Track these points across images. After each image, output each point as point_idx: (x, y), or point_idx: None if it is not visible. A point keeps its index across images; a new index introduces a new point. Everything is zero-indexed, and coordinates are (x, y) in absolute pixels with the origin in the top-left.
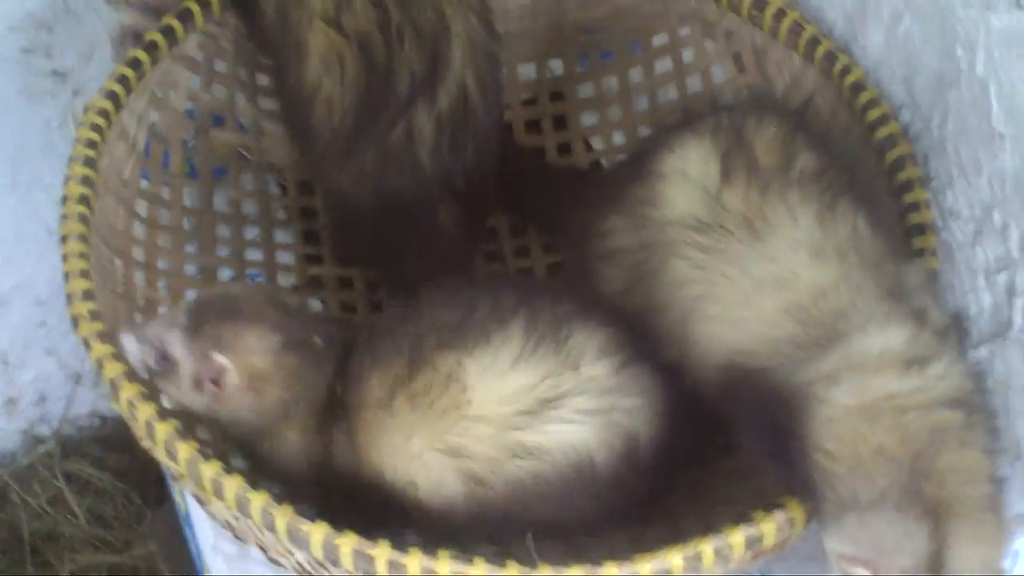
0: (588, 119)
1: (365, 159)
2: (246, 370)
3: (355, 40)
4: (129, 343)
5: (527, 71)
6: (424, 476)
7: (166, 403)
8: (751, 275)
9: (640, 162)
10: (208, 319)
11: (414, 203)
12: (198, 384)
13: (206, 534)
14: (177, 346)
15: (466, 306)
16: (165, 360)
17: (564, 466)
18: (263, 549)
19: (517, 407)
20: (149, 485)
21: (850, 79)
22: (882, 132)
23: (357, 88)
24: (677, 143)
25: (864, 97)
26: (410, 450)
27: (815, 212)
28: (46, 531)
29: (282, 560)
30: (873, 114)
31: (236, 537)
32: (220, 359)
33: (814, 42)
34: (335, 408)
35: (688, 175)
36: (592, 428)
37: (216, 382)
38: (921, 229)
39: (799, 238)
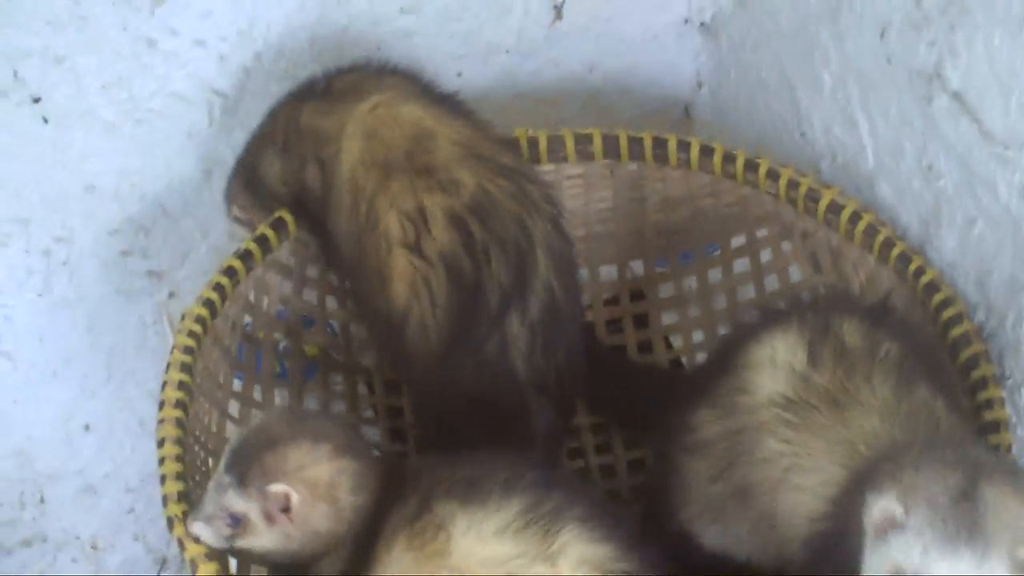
0: (668, 318)
1: (461, 371)
2: (306, 484)
3: (440, 264)
4: (198, 529)
5: (609, 272)
6: None
7: None
8: (829, 443)
9: (726, 356)
10: (250, 460)
11: (509, 409)
12: (272, 521)
13: None
14: (237, 501)
15: (488, 467)
16: (236, 521)
17: None
18: None
19: (489, 573)
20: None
21: (924, 280)
22: (956, 331)
23: (449, 309)
24: (765, 335)
25: (939, 297)
26: None
27: (894, 385)
28: None
29: None
30: (947, 313)
31: None
32: (276, 489)
33: (889, 244)
34: (368, 537)
35: (776, 361)
36: None
37: (286, 511)
38: (996, 426)
39: (874, 405)
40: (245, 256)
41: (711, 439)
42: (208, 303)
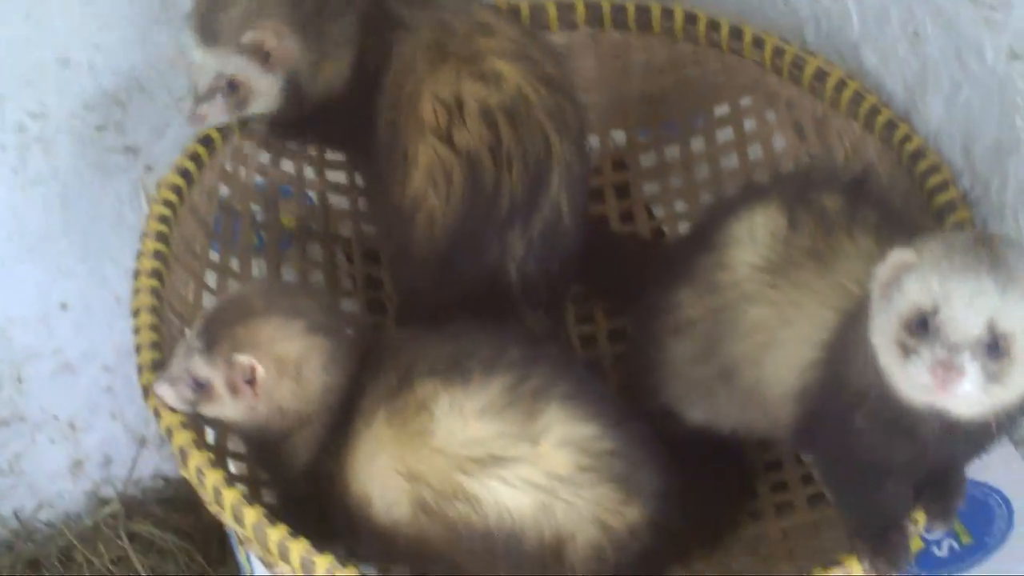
0: (650, 188)
1: (463, 271)
2: (273, 360)
3: (464, 159)
4: (162, 389)
5: (590, 141)
6: (380, 494)
7: (233, 470)
8: (816, 291)
9: (706, 233)
10: (220, 329)
11: (500, 314)
12: (236, 392)
13: None
14: (202, 367)
15: (470, 345)
16: (200, 386)
17: (495, 528)
18: None
19: (471, 453)
20: (211, 545)
21: (910, 147)
22: (942, 198)
23: (462, 206)
24: (744, 210)
25: (924, 164)
26: (374, 465)
27: (874, 240)
28: None
29: None
30: (933, 180)
31: None
32: (242, 359)
33: (874, 111)
34: (344, 412)
35: (755, 234)
36: (529, 501)
37: (251, 383)
38: None
39: (858, 254)
40: (223, 127)
41: (693, 319)
42: (184, 172)
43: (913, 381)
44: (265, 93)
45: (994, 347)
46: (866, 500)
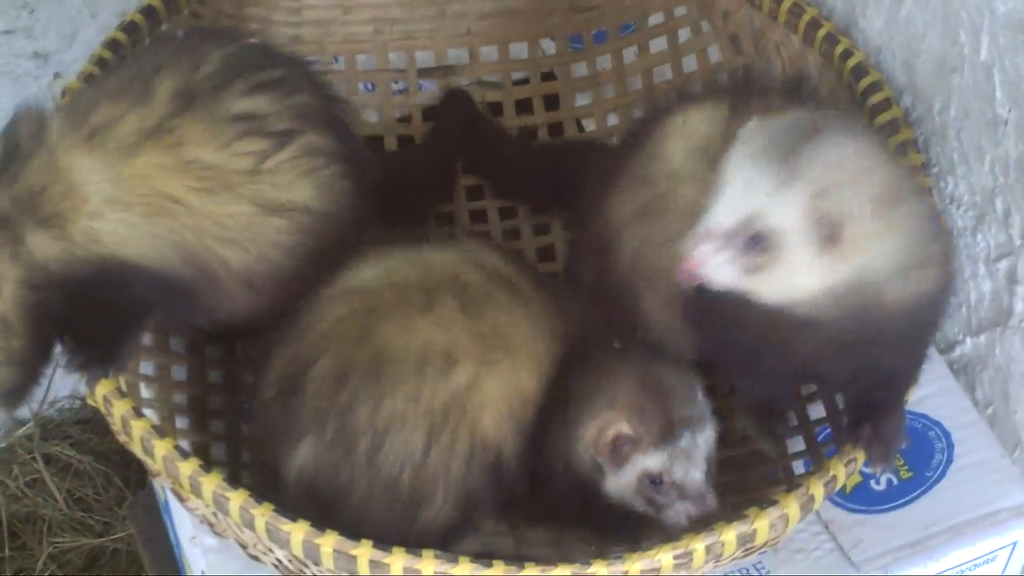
0: (581, 100)
1: None
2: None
3: None
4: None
5: (519, 50)
6: None
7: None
8: None
9: (639, 137)
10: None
11: None
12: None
13: (185, 526)
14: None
15: None
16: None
17: None
18: (243, 545)
19: None
20: (130, 467)
21: (851, 63)
22: (884, 117)
23: None
24: (678, 108)
25: (865, 81)
26: None
27: None
28: (25, 513)
29: (262, 557)
30: (875, 99)
31: (215, 532)
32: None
33: (814, 24)
34: None
35: (688, 124)
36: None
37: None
38: None
39: None
40: (130, 28)
41: (629, 216)
42: (90, 78)
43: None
44: None
45: (755, 240)
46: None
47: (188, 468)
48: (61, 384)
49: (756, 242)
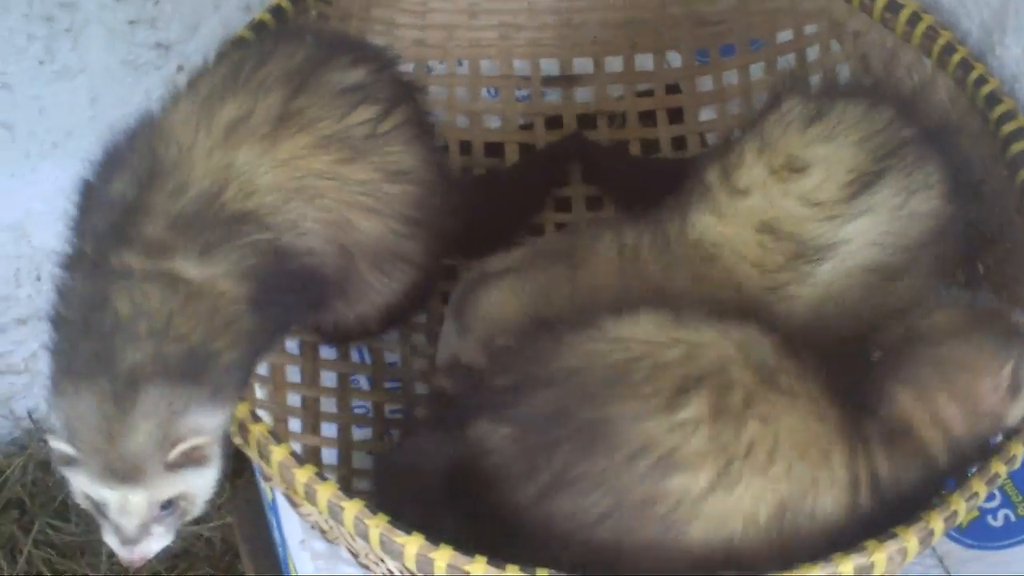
0: (705, 114)
1: None
2: None
3: None
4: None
5: (643, 61)
6: None
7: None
8: None
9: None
10: None
11: None
12: None
13: (294, 529)
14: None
15: None
16: None
17: None
18: (354, 554)
19: None
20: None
21: (985, 90)
22: (1017, 147)
23: None
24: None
25: (1000, 109)
26: None
27: None
28: None
29: (373, 567)
30: (1008, 127)
31: (326, 538)
32: None
33: (949, 49)
34: None
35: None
36: None
37: None
38: None
39: None
40: (258, 28)
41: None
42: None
43: None
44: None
45: None
46: None
47: (304, 475)
48: None
49: None
